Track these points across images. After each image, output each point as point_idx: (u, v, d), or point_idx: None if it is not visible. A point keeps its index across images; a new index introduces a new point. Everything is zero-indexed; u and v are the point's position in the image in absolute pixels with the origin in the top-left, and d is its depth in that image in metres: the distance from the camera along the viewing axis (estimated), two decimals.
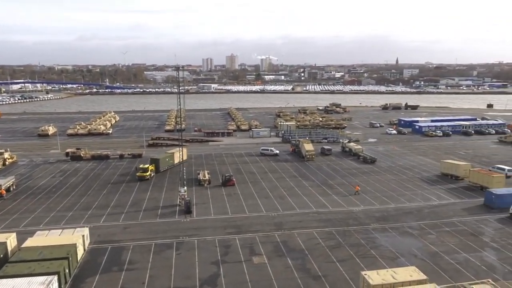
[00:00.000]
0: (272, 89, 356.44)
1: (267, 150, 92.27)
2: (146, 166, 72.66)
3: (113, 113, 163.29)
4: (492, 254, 42.39)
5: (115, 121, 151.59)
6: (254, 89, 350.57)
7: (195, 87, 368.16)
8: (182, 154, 64.97)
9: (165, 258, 41.78)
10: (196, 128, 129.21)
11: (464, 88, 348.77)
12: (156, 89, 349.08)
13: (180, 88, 65.07)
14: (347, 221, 51.85)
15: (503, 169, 71.12)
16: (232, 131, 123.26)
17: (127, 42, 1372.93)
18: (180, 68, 68.48)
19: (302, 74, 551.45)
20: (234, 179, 68.48)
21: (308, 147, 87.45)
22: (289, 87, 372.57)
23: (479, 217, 52.92)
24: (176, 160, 79.24)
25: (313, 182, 69.62)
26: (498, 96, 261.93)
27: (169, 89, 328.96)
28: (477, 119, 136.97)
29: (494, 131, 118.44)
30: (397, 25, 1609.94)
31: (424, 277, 32.82)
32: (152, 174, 72.28)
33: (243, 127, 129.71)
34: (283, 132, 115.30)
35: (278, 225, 50.40)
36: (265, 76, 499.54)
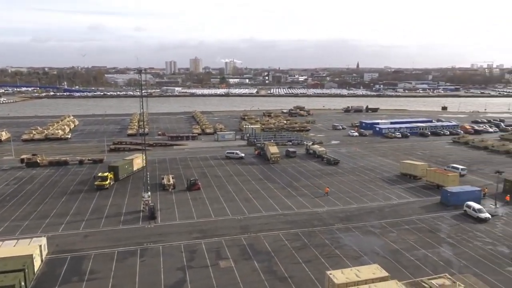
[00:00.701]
0: (237, 92, 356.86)
1: (233, 153, 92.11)
2: (105, 174, 69.43)
3: (72, 117, 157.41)
4: (448, 249, 44.42)
5: (74, 126, 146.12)
6: (219, 92, 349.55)
7: (159, 90, 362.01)
8: (146, 159, 63.36)
9: (129, 265, 40.61)
10: (160, 132, 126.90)
11: (421, 91, 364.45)
12: (118, 93, 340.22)
13: (143, 91, 63.77)
14: (312, 222, 52.63)
15: (457, 168, 74.84)
16: (197, 134, 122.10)
17: (86, 44, 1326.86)
18: (143, 71, 67.18)
19: (267, 78, 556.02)
20: (199, 183, 67.79)
21: (273, 149, 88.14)
22: (254, 90, 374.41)
23: (436, 214, 55.33)
24: (136, 167, 77.00)
25: (279, 184, 70.20)
26: (452, 99, 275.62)
27: (131, 93, 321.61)
28: (433, 121, 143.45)
29: (448, 132, 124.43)
30: (357, 30, 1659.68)
31: (386, 274, 33.85)
32: (112, 183, 69.26)
33: (208, 131, 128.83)
34: (248, 135, 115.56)
35: (244, 228, 50.35)
36: (230, 80, 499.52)
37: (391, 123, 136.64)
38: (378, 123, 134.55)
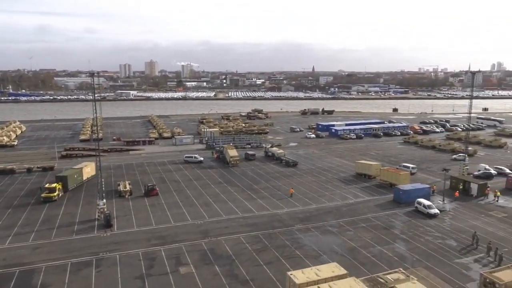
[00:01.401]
0: (195, 95, 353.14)
1: (191, 157, 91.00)
2: (53, 185, 64.10)
3: (18, 122, 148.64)
4: (402, 245, 46.43)
5: (21, 132, 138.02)
6: (176, 96, 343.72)
7: (113, 94, 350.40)
8: (100, 165, 60.90)
9: (84, 277, 38.85)
10: (114, 137, 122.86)
11: (373, 94, 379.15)
12: (69, 97, 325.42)
13: (96, 95, 61.46)
14: (272, 223, 53.06)
15: (408, 167, 78.55)
16: (154, 139, 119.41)
17: (33, 45, 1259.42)
18: (95, 74, 64.77)
19: (224, 81, 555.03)
20: (157, 189, 66.30)
21: (232, 153, 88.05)
22: (212, 94, 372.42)
23: (390, 211, 57.69)
24: (85, 176, 73.07)
25: (238, 187, 70.19)
26: (401, 101, 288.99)
27: (83, 96, 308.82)
28: (385, 122, 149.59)
29: (399, 133, 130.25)
30: (312, 35, 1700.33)
31: (345, 272, 34.76)
32: (60, 194, 64.10)
33: (165, 135, 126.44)
34: (207, 138, 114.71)
35: (204, 233, 49.82)
36: (187, 83, 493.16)
37: (346, 124, 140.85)
38: (334, 125, 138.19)
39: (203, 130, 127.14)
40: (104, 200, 55.89)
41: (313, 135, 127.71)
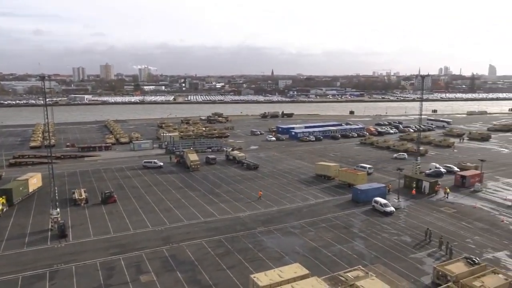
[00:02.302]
0: (153, 99, 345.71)
1: (151, 162, 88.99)
2: None
3: None
4: (360, 243, 47.90)
5: None
6: (133, 100, 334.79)
7: (66, 98, 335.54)
8: (53, 173, 57.83)
9: None
10: (68, 143, 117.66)
11: (330, 97, 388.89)
12: (17, 101, 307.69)
13: (48, 99, 58.56)
14: (234, 227, 52.95)
15: (365, 168, 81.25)
16: (110, 144, 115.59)
17: None
18: (46, 77, 61.76)
19: (183, 85, 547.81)
20: (115, 196, 64.19)
21: (193, 157, 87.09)
22: (171, 98, 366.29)
23: (349, 211, 59.37)
24: (32, 188, 67.89)
25: (200, 192, 69.48)
26: (357, 104, 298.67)
27: (33, 101, 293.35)
28: (342, 124, 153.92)
29: (356, 135, 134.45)
30: (270, 39, 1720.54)
31: (307, 272, 35.37)
32: (5, 209, 58.94)
33: (123, 140, 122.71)
34: (166, 143, 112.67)
35: (165, 239, 48.83)
36: (145, 87, 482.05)
37: (306, 127, 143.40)
38: (293, 128, 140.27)
39: (162, 134, 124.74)
40: (58, 209, 53.37)
41: (274, 138, 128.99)
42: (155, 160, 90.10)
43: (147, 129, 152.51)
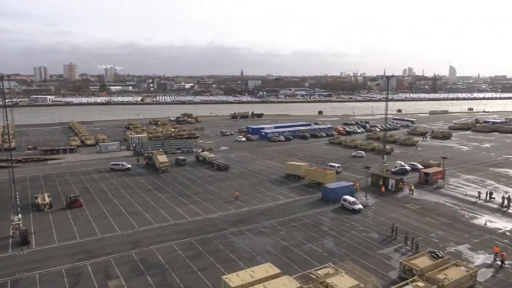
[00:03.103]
0: (120, 100, 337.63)
1: (118, 164, 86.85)
2: None
3: None
4: (330, 241, 48.74)
5: None
6: (99, 101, 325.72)
7: (27, 99, 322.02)
8: (13, 177, 55.18)
9: None
10: (30, 146, 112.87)
11: (299, 97, 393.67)
12: None
13: (7, 100, 55.90)
14: (205, 229, 52.56)
15: (334, 166, 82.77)
16: (75, 147, 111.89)
17: None
18: (5, 77, 59.00)
19: (151, 85, 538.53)
20: (81, 200, 62.20)
21: (162, 158, 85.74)
22: (138, 98, 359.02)
23: (319, 210, 60.27)
24: None
25: (170, 193, 68.48)
26: (325, 104, 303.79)
27: None
28: (311, 124, 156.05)
29: (325, 134, 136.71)
30: (239, 40, 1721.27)
31: (278, 271, 35.61)
32: None
33: (88, 142, 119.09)
34: (134, 144, 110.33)
35: (135, 243, 47.79)
36: (111, 87, 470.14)
37: (275, 127, 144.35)
38: (263, 128, 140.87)
39: (130, 136, 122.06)
40: (20, 215, 51.09)
41: (244, 139, 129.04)
42: (123, 162, 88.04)
43: (114, 131, 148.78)
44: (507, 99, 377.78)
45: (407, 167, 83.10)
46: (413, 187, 69.00)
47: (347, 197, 61.39)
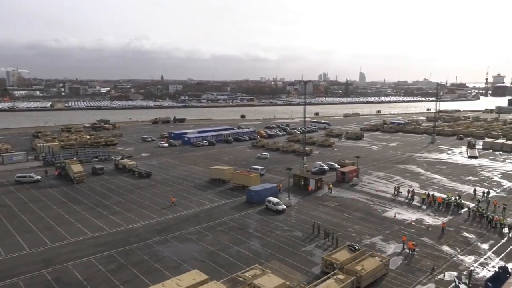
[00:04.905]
0: (26, 106, 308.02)
1: (25, 176, 79.03)
2: None
3: None
4: (256, 242, 49.50)
5: None
6: (0, 107, 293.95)
7: None
8: None
9: None
10: None
11: (222, 101, 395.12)
12: None
13: None
14: (127, 239, 50.07)
15: (257, 169, 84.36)
16: None
17: None
18: None
19: (63, 90, 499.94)
20: None
21: (77, 168, 79.96)
22: (48, 104, 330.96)
23: (244, 212, 60.90)
24: None
25: (86, 205, 64.04)
26: (248, 108, 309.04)
27: None
28: (234, 128, 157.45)
29: (248, 138, 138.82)
30: (157, 42, 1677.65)
31: (206, 277, 35.23)
32: None
33: None
34: (44, 154, 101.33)
35: (47, 261, 43.78)
36: (15, 92, 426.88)
37: (198, 132, 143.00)
38: (186, 133, 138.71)
39: (39, 145, 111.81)
40: None
41: (166, 144, 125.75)
42: (31, 174, 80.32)
43: (19, 140, 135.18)
44: (409, 102, 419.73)
45: (326, 167, 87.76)
46: (331, 185, 73.06)
47: (271, 198, 62.95)
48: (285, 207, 61.65)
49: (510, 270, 39.51)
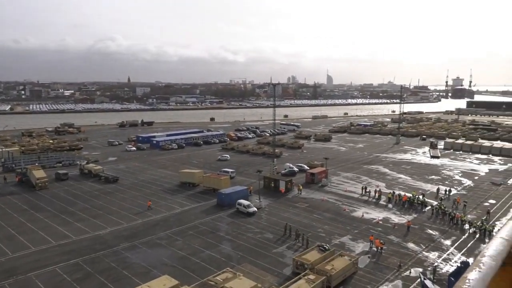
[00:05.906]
0: None
1: None
2: None
3: None
4: (227, 245, 49.27)
5: None
6: None
7: None
8: None
9: None
10: None
11: (191, 104, 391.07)
12: None
13: None
14: (94, 247, 48.55)
15: (228, 172, 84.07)
16: None
17: None
18: None
19: (23, 92, 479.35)
20: None
21: (39, 174, 76.78)
22: (7, 107, 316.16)
23: (215, 215, 60.50)
24: None
25: (50, 212, 61.60)
26: (217, 111, 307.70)
27: None
28: (204, 131, 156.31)
29: (218, 140, 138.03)
30: (123, 44, 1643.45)
31: (176, 282, 34.71)
32: None
33: None
34: (3, 160, 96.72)
35: (8, 272, 41.73)
36: None
37: (167, 135, 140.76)
38: (154, 136, 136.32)
39: None
40: None
41: (134, 148, 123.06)
42: None
43: None
44: (374, 104, 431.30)
45: (295, 169, 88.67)
46: (301, 187, 73.89)
47: (242, 201, 62.90)
48: (256, 209, 61.73)
49: (471, 265, 41.35)
